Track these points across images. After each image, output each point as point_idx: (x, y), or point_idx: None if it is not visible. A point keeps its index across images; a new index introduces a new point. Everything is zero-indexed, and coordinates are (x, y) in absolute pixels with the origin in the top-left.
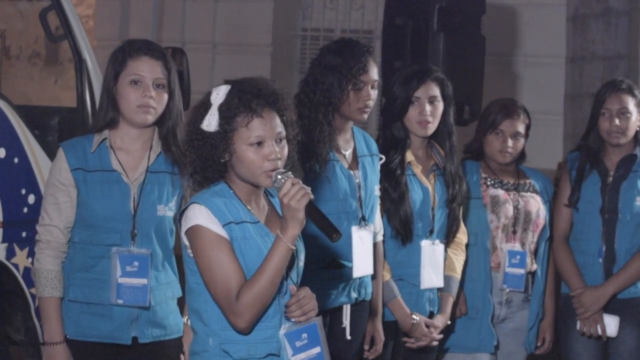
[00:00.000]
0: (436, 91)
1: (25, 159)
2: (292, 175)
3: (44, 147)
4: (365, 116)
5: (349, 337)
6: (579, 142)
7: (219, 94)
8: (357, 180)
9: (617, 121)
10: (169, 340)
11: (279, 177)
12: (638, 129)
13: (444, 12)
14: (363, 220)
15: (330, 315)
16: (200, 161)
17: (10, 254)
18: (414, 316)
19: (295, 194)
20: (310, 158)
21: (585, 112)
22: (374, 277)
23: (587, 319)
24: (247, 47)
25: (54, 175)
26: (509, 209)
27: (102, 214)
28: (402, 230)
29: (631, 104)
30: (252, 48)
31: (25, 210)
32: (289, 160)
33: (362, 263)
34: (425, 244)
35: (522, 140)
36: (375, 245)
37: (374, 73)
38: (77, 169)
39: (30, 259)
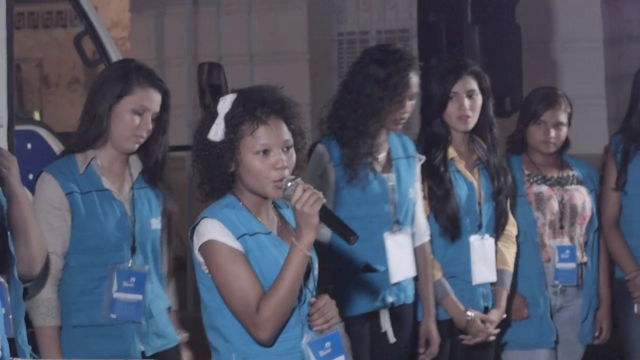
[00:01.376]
0: (474, 85)
1: None
2: (302, 182)
3: None
4: (400, 127)
5: (392, 340)
6: (621, 125)
7: (225, 103)
8: (391, 184)
9: None
10: (168, 350)
11: (289, 184)
12: None
13: (477, 5)
14: (397, 224)
15: (371, 322)
16: (207, 171)
17: None
18: (468, 312)
19: (307, 199)
20: (348, 164)
21: (627, 94)
22: (420, 278)
23: None
24: (284, 56)
25: (45, 201)
26: (554, 205)
27: (106, 234)
28: (450, 227)
29: None
30: (289, 56)
31: None
32: (298, 170)
33: (400, 267)
34: (474, 239)
35: (564, 129)
36: (420, 247)
37: (415, 86)
38: (72, 192)
39: None
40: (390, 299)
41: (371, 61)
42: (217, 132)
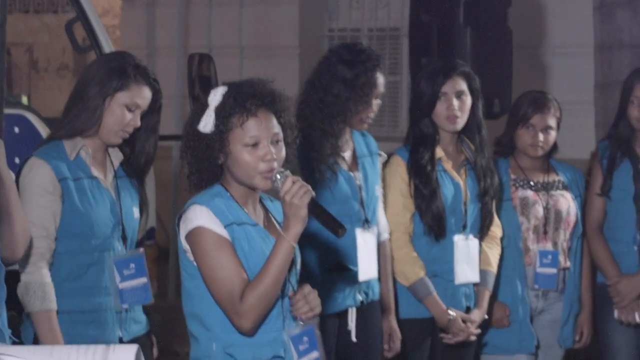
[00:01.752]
0: (463, 85)
1: None
2: (290, 174)
3: None
4: (366, 126)
5: (354, 340)
6: (608, 131)
7: (216, 95)
8: (358, 182)
9: None
10: (142, 336)
11: (278, 176)
12: None
13: (469, 7)
14: (366, 222)
15: (339, 319)
16: (196, 162)
17: None
18: (450, 312)
19: (297, 191)
20: (314, 164)
21: (616, 101)
22: (380, 276)
23: (624, 308)
24: (275, 50)
25: (37, 185)
26: (539, 210)
27: (96, 220)
28: (434, 226)
29: None
30: (279, 51)
31: None
32: (288, 164)
33: (366, 266)
34: (458, 239)
35: (553, 134)
36: (381, 244)
37: (382, 86)
38: (64, 178)
39: None
40: (360, 297)
41: (338, 61)
42: (207, 123)
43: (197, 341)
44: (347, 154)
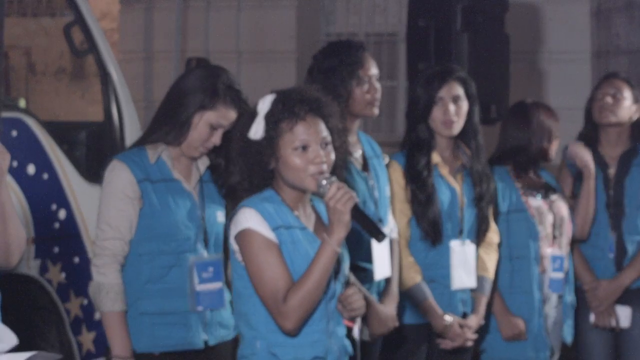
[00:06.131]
0: (459, 90)
1: (54, 174)
2: (336, 180)
3: (72, 162)
4: (376, 110)
5: (357, 338)
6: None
7: (264, 103)
8: (371, 182)
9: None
10: (230, 341)
11: (324, 182)
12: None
13: (467, 12)
14: (380, 222)
15: None
16: (248, 169)
17: (43, 269)
18: (446, 317)
19: (341, 197)
20: None
21: None
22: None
23: (600, 313)
24: (272, 55)
25: (117, 187)
26: (550, 218)
27: (175, 222)
28: (431, 231)
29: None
30: (276, 55)
31: (57, 225)
32: (337, 170)
33: (382, 266)
34: (454, 244)
35: None
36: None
37: (374, 67)
38: (144, 180)
39: (63, 274)
40: (375, 297)
41: (323, 57)
42: (257, 130)
43: (243, 339)
44: (358, 155)
